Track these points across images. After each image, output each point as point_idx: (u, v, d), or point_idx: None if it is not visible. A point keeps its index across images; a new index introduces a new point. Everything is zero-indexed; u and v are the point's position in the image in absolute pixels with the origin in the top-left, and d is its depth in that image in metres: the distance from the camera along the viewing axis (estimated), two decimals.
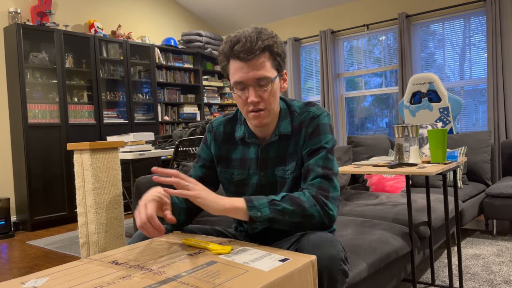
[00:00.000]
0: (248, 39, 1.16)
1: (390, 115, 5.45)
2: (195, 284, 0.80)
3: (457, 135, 3.55)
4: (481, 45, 4.66)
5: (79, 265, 0.97)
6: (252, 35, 1.17)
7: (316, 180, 1.18)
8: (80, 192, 2.67)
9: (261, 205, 1.09)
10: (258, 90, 1.19)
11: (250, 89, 1.19)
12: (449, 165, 1.89)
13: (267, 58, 1.19)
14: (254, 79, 1.18)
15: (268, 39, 1.18)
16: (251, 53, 1.16)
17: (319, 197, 1.15)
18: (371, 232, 1.89)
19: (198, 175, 1.37)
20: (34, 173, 4.26)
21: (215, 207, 1.08)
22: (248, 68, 1.17)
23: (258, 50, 1.16)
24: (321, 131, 1.25)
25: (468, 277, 2.31)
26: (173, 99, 5.98)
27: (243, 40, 1.16)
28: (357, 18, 5.53)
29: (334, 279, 1.03)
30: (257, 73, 1.17)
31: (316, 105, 1.31)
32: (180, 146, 3.37)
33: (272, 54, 1.20)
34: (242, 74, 1.18)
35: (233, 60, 1.19)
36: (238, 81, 1.19)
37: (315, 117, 1.26)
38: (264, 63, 1.18)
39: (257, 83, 1.18)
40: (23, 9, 4.62)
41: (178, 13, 6.37)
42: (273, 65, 1.21)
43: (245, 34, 1.17)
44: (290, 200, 1.12)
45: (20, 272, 2.87)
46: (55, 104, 4.53)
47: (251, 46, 1.15)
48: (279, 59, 1.22)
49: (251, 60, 1.17)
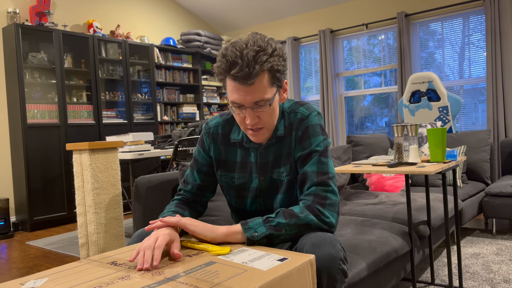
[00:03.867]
0: (245, 63, 1.06)
1: (390, 114, 5.45)
2: (194, 284, 0.80)
3: (457, 134, 3.56)
4: (480, 44, 4.66)
5: (79, 265, 0.97)
6: (249, 57, 1.06)
7: (311, 189, 1.16)
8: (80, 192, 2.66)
9: (256, 225, 1.09)
10: (256, 111, 1.13)
11: (248, 110, 1.13)
12: (449, 164, 1.89)
13: (266, 78, 1.11)
14: (252, 102, 1.11)
15: (267, 60, 1.09)
16: (249, 78, 1.08)
17: (313, 206, 1.13)
18: (371, 231, 1.89)
19: (196, 182, 1.34)
20: (33, 174, 4.26)
21: (215, 236, 1.08)
22: (246, 91, 1.10)
23: (256, 75, 1.08)
24: (311, 134, 1.21)
25: (467, 276, 2.31)
26: (172, 99, 5.98)
27: (240, 63, 1.07)
28: (356, 17, 5.52)
29: (333, 279, 1.03)
30: (255, 96, 1.10)
31: (306, 104, 1.27)
32: (179, 146, 3.37)
33: (271, 73, 1.12)
34: (239, 96, 1.11)
35: (229, 80, 1.12)
36: (236, 102, 1.13)
37: (304, 118, 1.23)
38: (262, 85, 1.10)
39: (255, 105, 1.12)
40: (21, 9, 4.61)
41: (177, 12, 6.37)
42: (273, 83, 1.13)
43: (243, 53, 1.07)
44: (284, 214, 1.11)
45: (19, 272, 2.87)
46: (54, 104, 4.53)
47: (249, 71, 1.07)
48: (278, 74, 1.14)
49: (249, 85, 1.09)
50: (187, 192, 1.35)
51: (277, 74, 1.13)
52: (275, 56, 1.11)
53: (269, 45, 1.11)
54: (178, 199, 1.34)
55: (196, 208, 1.35)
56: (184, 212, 1.27)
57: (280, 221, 1.10)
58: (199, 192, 1.35)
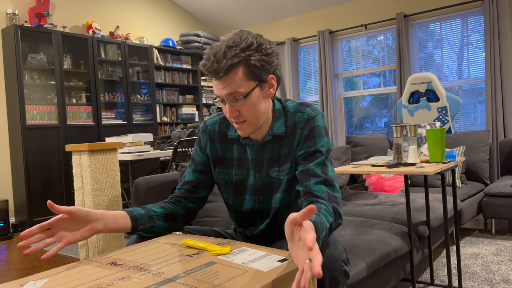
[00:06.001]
0: (216, 58, 1.13)
1: (389, 114, 5.46)
2: (194, 285, 0.80)
3: (456, 135, 3.56)
4: (479, 45, 4.67)
5: (78, 266, 0.97)
6: (220, 53, 1.13)
7: (321, 187, 1.16)
8: (79, 194, 2.66)
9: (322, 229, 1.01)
10: (234, 105, 1.17)
11: (227, 104, 1.18)
12: (448, 165, 1.89)
13: (241, 72, 1.14)
14: (227, 95, 1.16)
15: (237, 55, 1.12)
16: (217, 74, 1.13)
17: (336, 208, 1.14)
18: (370, 232, 1.89)
19: (192, 181, 1.35)
20: (32, 175, 4.26)
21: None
22: (221, 85, 1.15)
23: (223, 70, 1.12)
24: (316, 134, 1.23)
25: (467, 277, 2.31)
26: (171, 100, 5.98)
27: (211, 59, 1.13)
28: (355, 18, 5.53)
29: (335, 281, 1.02)
30: (228, 89, 1.15)
31: (311, 105, 1.28)
32: (178, 147, 3.37)
33: (247, 67, 1.14)
34: (217, 90, 1.17)
35: (209, 76, 1.19)
36: (216, 96, 1.19)
37: (310, 118, 1.24)
38: (236, 79, 1.14)
39: (231, 99, 1.16)
40: (21, 10, 4.61)
41: (176, 13, 6.37)
42: (250, 77, 1.15)
43: (216, 50, 1.14)
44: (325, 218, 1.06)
45: (19, 274, 2.86)
46: (54, 105, 4.52)
47: (218, 66, 1.13)
48: (257, 70, 1.15)
49: (223, 78, 1.14)
50: (179, 190, 1.36)
51: (255, 69, 1.15)
52: (251, 51, 1.14)
53: (244, 40, 1.14)
54: (169, 197, 1.35)
55: (186, 204, 1.34)
56: (148, 206, 1.25)
57: (327, 236, 1.04)
58: (191, 189, 1.35)
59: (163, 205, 1.29)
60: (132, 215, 1.17)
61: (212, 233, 1.37)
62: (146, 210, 1.23)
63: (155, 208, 1.25)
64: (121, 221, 1.14)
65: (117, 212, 1.15)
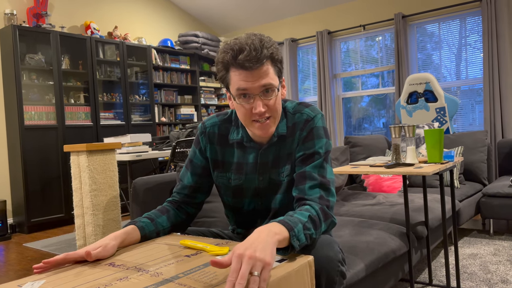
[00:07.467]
0: (252, 47, 1.10)
1: (387, 115, 5.46)
2: (192, 285, 0.80)
3: (454, 135, 3.57)
4: (477, 45, 4.68)
5: (76, 267, 0.97)
6: (255, 43, 1.11)
7: (315, 190, 1.15)
8: (77, 194, 2.66)
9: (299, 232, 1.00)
10: (264, 99, 1.15)
11: (256, 99, 1.14)
12: (446, 165, 1.89)
13: (270, 66, 1.15)
14: (260, 87, 1.13)
15: (271, 46, 1.14)
16: (258, 62, 1.11)
17: (325, 210, 1.13)
18: (369, 232, 1.89)
19: (191, 185, 1.32)
20: (30, 175, 4.25)
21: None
22: (254, 77, 1.12)
23: (264, 58, 1.12)
24: (315, 135, 1.21)
25: (465, 277, 2.32)
26: (170, 100, 5.98)
27: (247, 49, 1.10)
28: (353, 18, 5.54)
29: (332, 281, 1.02)
30: (263, 81, 1.13)
31: (311, 105, 1.27)
32: (177, 147, 3.37)
33: (274, 61, 1.16)
34: (247, 83, 1.12)
35: (235, 69, 1.13)
36: (243, 89, 1.13)
37: (309, 119, 1.23)
38: (269, 71, 1.14)
39: (263, 92, 1.14)
40: (19, 10, 4.60)
41: (174, 14, 6.37)
42: (276, 72, 1.17)
43: (247, 41, 1.12)
44: (312, 223, 1.05)
45: (16, 274, 2.86)
46: (52, 106, 4.52)
47: (257, 54, 1.10)
48: (279, 65, 1.18)
49: (256, 69, 1.12)
50: (178, 194, 1.33)
51: (278, 64, 1.18)
52: (277, 45, 1.18)
53: (268, 37, 1.17)
54: (169, 201, 1.33)
55: (187, 210, 1.32)
56: (157, 219, 1.22)
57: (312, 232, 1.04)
58: (191, 194, 1.32)
59: (168, 215, 1.26)
60: (143, 233, 1.16)
61: (210, 234, 1.36)
62: (155, 225, 1.20)
63: (164, 222, 1.23)
64: (133, 239, 1.14)
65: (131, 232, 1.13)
